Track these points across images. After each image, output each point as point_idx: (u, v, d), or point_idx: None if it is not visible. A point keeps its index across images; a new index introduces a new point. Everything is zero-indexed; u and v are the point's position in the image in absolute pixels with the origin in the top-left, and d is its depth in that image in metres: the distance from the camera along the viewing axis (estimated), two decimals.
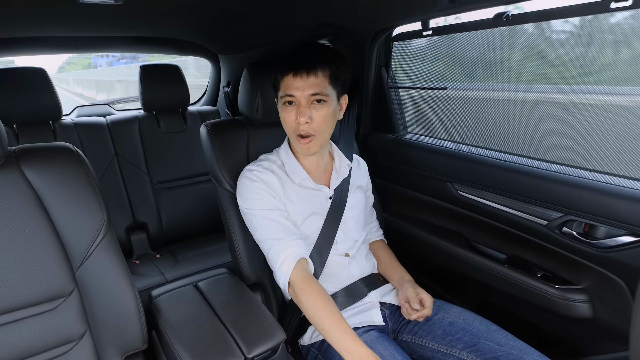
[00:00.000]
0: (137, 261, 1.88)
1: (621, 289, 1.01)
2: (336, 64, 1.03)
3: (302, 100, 1.00)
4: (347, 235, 1.16)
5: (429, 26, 1.30)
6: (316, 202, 1.13)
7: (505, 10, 1.09)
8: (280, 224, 1.04)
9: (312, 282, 0.97)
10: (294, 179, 1.11)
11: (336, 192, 1.15)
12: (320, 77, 1.00)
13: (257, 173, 1.08)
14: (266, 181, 1.08)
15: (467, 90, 1.52)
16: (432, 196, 1.49)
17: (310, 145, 1.05)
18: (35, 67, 1.66)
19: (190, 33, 1.90)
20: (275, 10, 1.30)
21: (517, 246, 1.26)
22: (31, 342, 0.81)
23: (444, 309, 1.13)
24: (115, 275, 0.88)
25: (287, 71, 1.00)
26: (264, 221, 1.04)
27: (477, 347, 1.01)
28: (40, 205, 0.81)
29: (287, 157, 1.13)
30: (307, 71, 0.98)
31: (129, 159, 1.94)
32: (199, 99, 2.66)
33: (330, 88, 1.02)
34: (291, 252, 1.00)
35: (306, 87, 0.99)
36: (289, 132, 1.07)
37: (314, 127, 1.02)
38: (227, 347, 0.90)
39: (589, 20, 1.11)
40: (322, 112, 1.02)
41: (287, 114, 1.03)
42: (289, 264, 0.99)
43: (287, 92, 1.01)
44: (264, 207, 1.05)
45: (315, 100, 1.00)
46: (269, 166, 1.11)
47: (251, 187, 1.07)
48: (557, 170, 1.11)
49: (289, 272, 0.98)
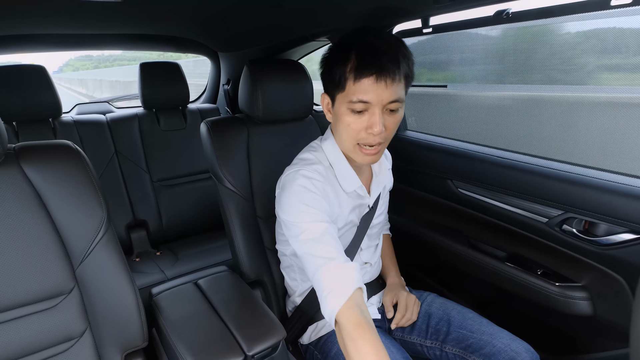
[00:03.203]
0: (137, 259, 1.88)
1: (621, 286, 1.01)
2: (412, 61, 0.88)
3: (378, 108, 0.84)
4: (371, 241, 1.12)
5: (429, 24, 1.30)
6: (358, 212, 1.04)
7: (505, 8, 1.09)
8: (334, 239, 0.87)
9: (365, 331, 0.75)
10: (346, 188, 0.98)
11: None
12: (402, 82, 0.85)
13: (317, 183, 0.91)
14: (325, 193, 0.92)
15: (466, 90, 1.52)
16: (432, 194, 1.49)
17: (377, 155, 0.91)
18: (35, 65, 1.66)
19: (190, 31, 1.89)
20: (275, 9, 1.29)
21: (517, 243, 1.26)
22: (31, 340, 0.81)
23: (427, 301, 1.14)
24: (116, 273, 0.88)
25: (366, 72, 0.82)
26: (317, 235, 0.86)
27: (452, 336, 1.03)
28: (40, 203, 0.81)
29: (338, 159, 0.98)
30: (392, 76, 0.82)
31: (129, 157, 1.94)
32: (199, 97, 2.66)
33: (404, 90, 0.88)
34: (346, 277, 0.81)
35: (387, 93, 0.83)
36: (348, 139, 0.90)
37: (384, 136, 0.88)
38: (227, 344, 0.90)
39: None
40: (396, 119, 0.88)
41: (355, 122, 0.86)
42: (341, 295, 0.79)
43: (362, 99, 0.83)
44: (318, 220, 0.87)
45: (391, 108, 0.86)
46: (325, 173, 0.95)
47: (310, 198, 0.89)
48: (557, 168, 1.11)
49: (337, 307, 0.78)
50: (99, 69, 28.80)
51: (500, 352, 0.94)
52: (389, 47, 0.83)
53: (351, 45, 0.85)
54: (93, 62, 29.04)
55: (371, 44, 0.83)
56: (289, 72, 1.29)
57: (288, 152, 1.28)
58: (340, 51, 0.86)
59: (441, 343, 1.05)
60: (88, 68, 29.94)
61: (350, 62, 0.84)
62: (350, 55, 0.84)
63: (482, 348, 0.97)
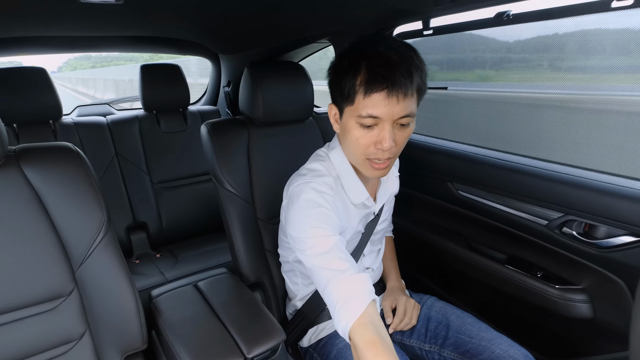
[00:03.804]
0: (137, 261, 1.88)
1: (621, 289, 1.01)
2: (425, 73, 0.83)
3: (389, 123, 0.80)
4: (373, 246, 1.12)
5: (430, 25, 1.30)
6: (364, 219, 1.02)
7: (506, 10, 1.09)
8: (344, 252, 0.84)
9: (378, 351, 0.72)
10: (353, 199, 0.96)
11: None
12: (414, 96, 0.80)
13: (327, 197, 0.88)
14: (335, 207, 0.90)
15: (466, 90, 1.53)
16: (432, 196, 1.49)
17: (387, 170, 0.89)
18: (35, 67, 1.66)
19: (191, 32, 1.90)
20: (275, 10, 1.30)
21: (517, 246, 1.26)
22: (31, 342, 0.81)
23: (427, 304, 1.14)
24: (115, 275, 0.88)
25: (377, 87, 0.78)
26: (327, 249, 0.83)
27: (451, 341, 1.02)
28: (40, 204, 0.81)
29: (346, 171, 0.95)
30: (405, 91, 0.78)
31: (129, 159, 1.94)
32: (199, 99, 2.66)
33: (416, 103, 0.83)
34: (358, 290, 0.78)
35: (399, 110, 0.79)
36: (357, 154, 0.87)
37: (394, 151, 0.85)
38: (226, 347, 0.90)
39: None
40: (406, 133, 0.84)
41: (364, 136, 0.83)
42: (354, 309, 0.76)
43: (373, 114, 0.79)
44: (327, 235, 0.84)
45: (402, 123, 0.82)
46: (334, 185, 0.93)
47: (319, 212, 0.86)
48: (557, 170, 1.11)
49: (350, 322, 0.76)
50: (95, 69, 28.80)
51: (499, 358, 0.93)
52: (401, 59, 0.78)
53: (361, 56, 0.80)
54: (91, 61, 29.08)
55: (383, 56, 0.78)
56: (289, 73, 1.29)
57: (289, 154, 1.28)
58: (350, 61, 0.82)
59: (440, 347, 1.04)
60: (86, 68, 29.91)
61: (361, 75, 0.79)
62: (360, 67, 0.79)
63: (481, 354, 0.96)
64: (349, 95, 0.82)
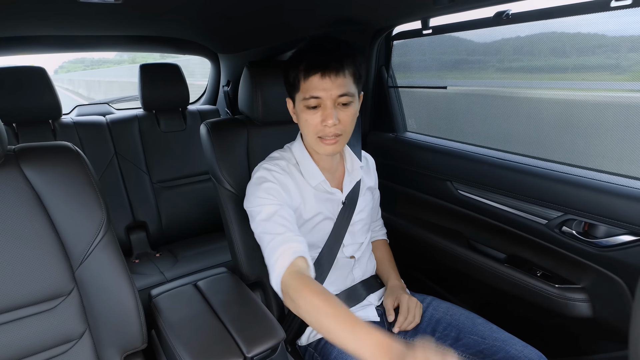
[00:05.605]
0: (136, 260, 1.88)
1: (620, 288, 1.01)
2: (359, 60, 0.98)
3: (329, 102, 0.94)
4: (354, 238, 1.14)
5: (429, 25, 1.30)
6: (329, 206, 1.10)
7: (505, 9, 1.09)
8: (285, 219, 0.95)
9: (308, 281, 0.84)
10: (310, 182, 1.06)
11: (348, 196, 1.12)
12: (347, 77, 0.94)
13: (276, 174, 1.01)
14: (284, 184, 1.01)
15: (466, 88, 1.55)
16: (432, 195, 1.49)
17: (336, 146, 0.99)
18: (34, 66, 1.66)
19: (190, 32, 1.90)
20: (275, 10, 1.30)
21: (516, 245, 1.26)
22: (31, 341, 0.81)
23: (433, 305, 1.14)
24: (115, 275, 0.88)
25: (312, 71, 0.93)
26: (268, 216, 0.95)
27: (463, 342, 1.02)
28: (39, 204, 0.81)
29: (303, 156, 1.07)
30: (336, 72, 0.92)
31: (128, 158, 1.94)
32: (199, 98, 2.66)
33: (354, 86, 0.97)
34: (289, 247, 0.90)
35: (334, 88, 0.93)
36: (309, 134, 1.00)
37: (341, 128, 0.97)
38: (226, 346, 0.90)
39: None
40: (349, 112, 0.97)
41: (311, 117, 0.96)
42: (283, 262, 0.88)
43: (313, 94, 0.94)
44: (273, 203, 0.96)
45: (342, 102, 0.95)
46: (287, 167, 1.05)
47: (267, 186, 0.98)
48: (557, 169, 1.11)
49: (282, 271, 0.87)
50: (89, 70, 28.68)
51: (514, 358, 0.93)
52: (334, 49, 0.94)
53: (302, 52, 0.97)
54: (84, 64, 28.99)
55: (316, 46, 0.96)
56: None
57: None
58: (293, 57, 0.98)
59: (448, 348, 1.03)
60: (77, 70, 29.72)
61: (301, 65, 0.95)
62: (301, 59, 0.95)
63: (495, 354, 0.96)
64: (294, 83, 0.98)
